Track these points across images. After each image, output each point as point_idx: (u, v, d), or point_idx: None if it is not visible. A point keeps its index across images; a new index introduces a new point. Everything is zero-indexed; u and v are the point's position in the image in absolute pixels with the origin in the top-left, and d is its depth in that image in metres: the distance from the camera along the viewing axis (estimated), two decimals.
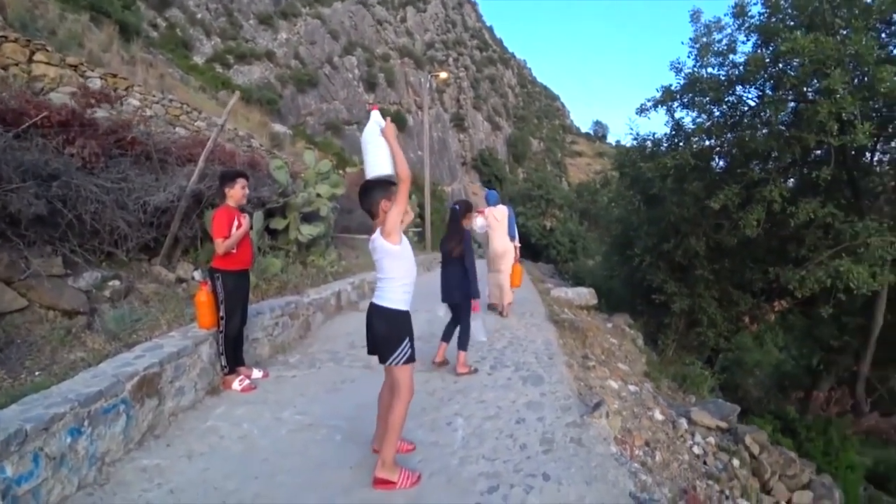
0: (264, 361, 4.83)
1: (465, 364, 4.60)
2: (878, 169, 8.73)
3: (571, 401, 3.91)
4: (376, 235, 2.72)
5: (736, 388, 12.30)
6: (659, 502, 2.94)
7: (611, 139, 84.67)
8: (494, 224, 7.11)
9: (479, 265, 5.28)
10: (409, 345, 2.71)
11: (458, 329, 4.69)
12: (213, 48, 34.61)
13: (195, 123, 10.32)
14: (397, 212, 2.59)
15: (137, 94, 9.60)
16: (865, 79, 6.73)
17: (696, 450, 4.53)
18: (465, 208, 4.79)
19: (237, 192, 4.03)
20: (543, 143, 78.13)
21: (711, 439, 4.92)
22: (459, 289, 4.57)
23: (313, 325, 6.01)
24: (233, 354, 4.13)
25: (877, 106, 7.50)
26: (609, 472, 2.91)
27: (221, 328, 3.99)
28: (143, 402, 3.13)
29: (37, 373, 3.32)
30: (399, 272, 2.74)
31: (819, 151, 8.46)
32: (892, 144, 8.49)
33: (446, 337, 4.83)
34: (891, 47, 7.52)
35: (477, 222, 6.67)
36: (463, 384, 4.28)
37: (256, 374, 4.36)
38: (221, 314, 3.97)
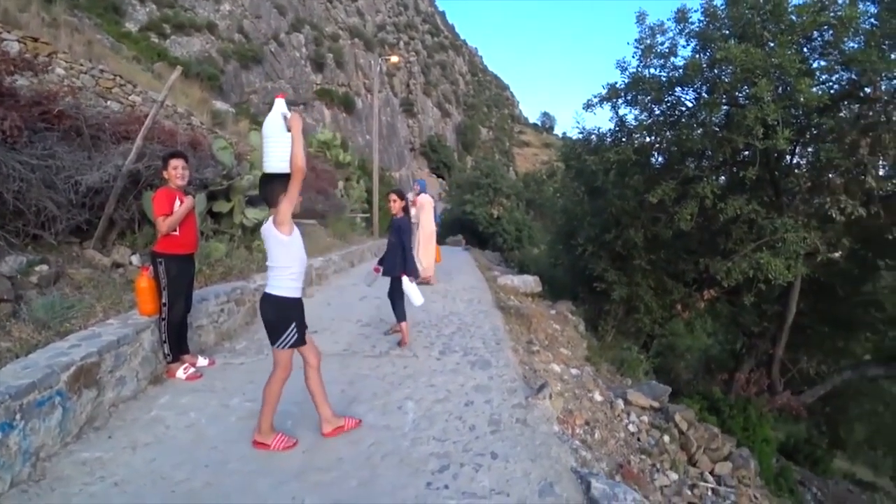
0: (210, 349, 4.70)
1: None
2: (796, 171, 9.55)
3: (517, 384, 4.10)
4: (268, 225, 2.83)
5: (668, 371, 13.19)
6: (598, 476, 3.18)
7: (557, 131, 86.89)
8: (428, 208, 8.43)
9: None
10: (294, 330, 2.89)
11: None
12: (148, 15, 32.28)
13: (129, 97, 9.65)
14: (289, 203, 2.72)
15: (63, 61, 8.83)
16: (787, 88, 7.33)
17: (631, 428, 4.88)
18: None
19: (171, 174, 3.86)
20: (492, 131, 79.02)
21: (645, 418, 5.30)
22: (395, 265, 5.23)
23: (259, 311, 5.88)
24: (177, 342, 4.00)
25: (797, 114, 8.20)
26: (552, 449, 3.10)
27: (164, 315, 3.85)
28: (80, 393, 2.99)
29: None
30: (288, 261, 2.85)
31: (747, 152, 9.10)
32: (809, 150, 9.29)
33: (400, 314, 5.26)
34: (811, 61, 8.20)
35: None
36: (413, 369, 4.37)
37: (202, 361, 4.25)
38: (164, 300, 3.83)
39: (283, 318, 2.87)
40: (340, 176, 16.75)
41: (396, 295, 5.20)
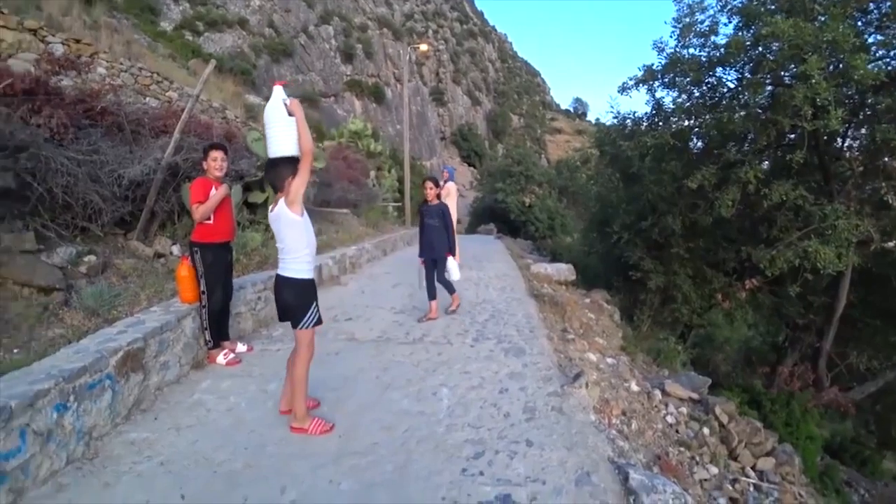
0: (248, 335, 4.82)
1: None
2: (847, 154, 9.00)
3: (552, 372, 4.04)
4: (279, 206, 2.84)
5: (706, 362, 12.80)
6: (636, 466, 3.10)
7: (590, 117, 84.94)
8: (454, 196, 8.46)
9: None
10: (316, 309, 2.95)
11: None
12: (182, 14, 33.12)
13: (166, 94, 9.96)
14: (300, 182, 2.78)
15: (104, 61, 9.18)
16: (840, 66, 6.86)
17: (669, 419, 4.75)
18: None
19: (210, 164, 3.96)
20: (523, 119, 77.84)
21: (684, 409, 5.16)
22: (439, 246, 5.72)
23: None
24: (217, 329, 4.11)
25: (850, 93, 7.68)
26: (588, 438, 3.04)
27: (204, 303, 3.97)
28: (127, 377, 3.11)
29: (14, 350, 3.25)
30: (303, 242, 2.88)
31: (793, 135, 8.65)
32: (862, 131, 8.73)
33: (432, 294, 5.75)
34: (866, 36, 7.66)
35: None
36: (447, 356, 4.37)
37: (241, 348, 4.36)
38: (203, 289, 3.94)
39: (305, 299, 2.91)
40: (372, 165, 16.87)
41: (443, 274, 5.75)
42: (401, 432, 3.00)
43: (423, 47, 26.64)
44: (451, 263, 5.73)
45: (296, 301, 2.90)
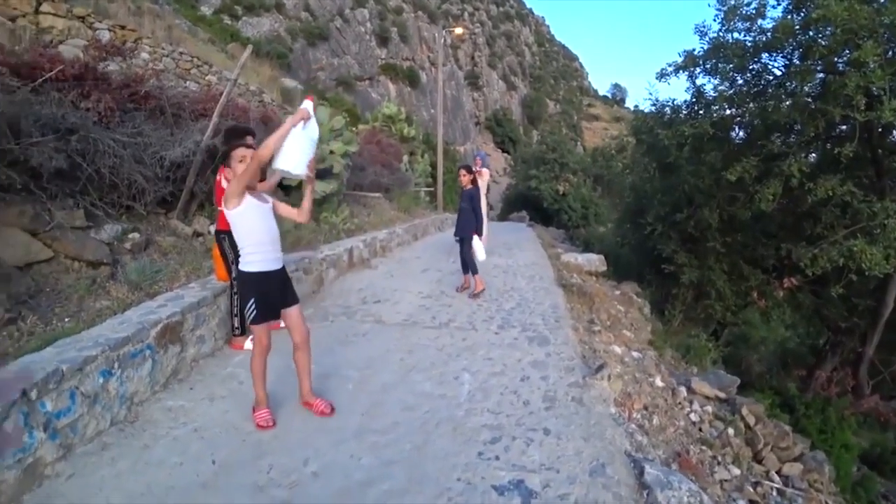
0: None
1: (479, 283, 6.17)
2: None
3: (575, 362, 4.05)
4: None
5: (739, 361, 12.46)
6: (652, 461, 3.10)
7: (629, 103, 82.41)
8: (485, 181, 8.44)
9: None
10: (254, 306, 2.79)
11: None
12: None
13: (206, 77, 10.24)
14: (237, 181, 2.80)
15: (147, 46, 9.51)
16: None
17: (693, 417, 4.68)
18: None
19: (240, 152, 3.96)
20: (559, 104, 76.28)
21: (709, 408, 5.06)
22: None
23: (326, 280, 6.16)
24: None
25: None
26: (607, 430, 3.05)
27: (236, 289, 4.03)
28: (166, 348, 3.30)
29: (66, 319, 3.49)
30: (240, 234, 2.87)
31: (845, 127, 8.20)
32: None
33: (464, 268, 6.24)
34: None
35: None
36: (471, 342, 4.43)
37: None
38: (234, 275, 3.97)
39: (243, 293, 2.94)
40: (405, 150, 16.94)
41: (468, 252, 6.06)
42: (421, 413, 3.09)
43: (458, 30, 26.40)
44: (476, 243, 5.99)
45: (239, 294, 2.95)
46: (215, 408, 3.07)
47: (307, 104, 2.91)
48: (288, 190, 7.33)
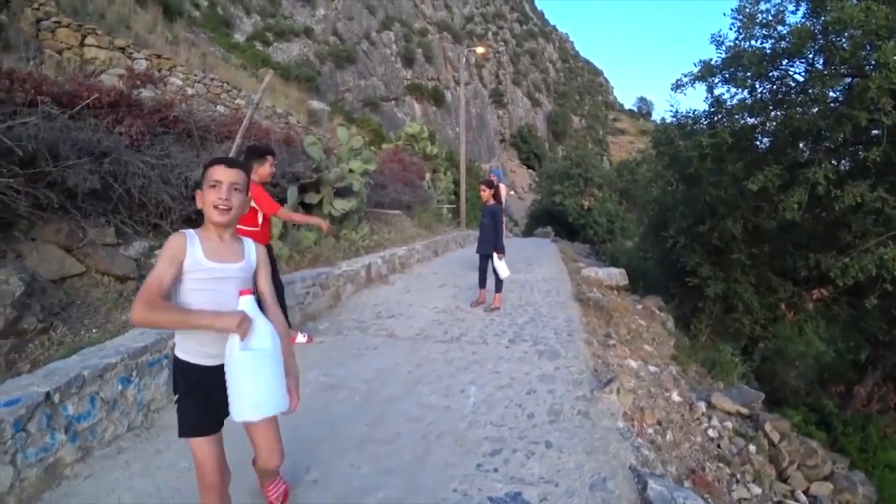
0: (295, 328, 5.13)
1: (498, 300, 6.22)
2: None
3: (584, 376, 4.02)
4: None
5: (773, 377, 11.98)
6: (662, 477, 3.04)
7: (655, 116, 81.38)
8: (503, 198, 8.41)
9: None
10: (178, 408, 1.90)
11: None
12: (253, 26, 35.25)
13: (235, 101, 10.70)
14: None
15: (180, 73, 10.04)
16: None
17: (710, 433, 4.54)
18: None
19: (268, 171, 4.21)
20: (585, 120, 75.94)
21: (729, 424, 4.91)
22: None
23: (343, 295, 6.30)
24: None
25: None
26: (611, 444, 3.02)
27: None
28: None
29: (94, 330, 3.70)
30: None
31: (877, 131, 7.95)
32: None
33: (481, 283, 6.34)
34: None
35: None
36: (480, 355, 4.45)
37: (301, 339, 4.65)
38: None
39: (172, 383, 1.98)
40: (428, 168, 17.18)
41: (487, 269, 6.15)
42: (424, 425, 3.12)
43: (480, 50, 26.80)
44: (497, 262, 6.02)
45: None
46: None
47: (247, 301, 1.73)
48: (308, 208, 7.57)
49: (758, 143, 9.30)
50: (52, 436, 2.40)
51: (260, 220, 4.19)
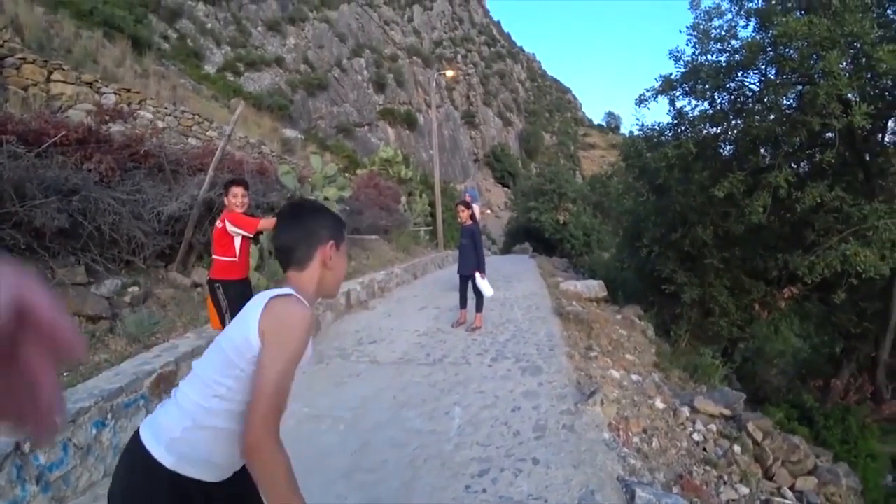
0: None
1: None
2: (890, 149, 8.59)
3: (567, 390, 4.04)
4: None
5: (754, 376, 12.21)
6: (650, 485, 3.06)
7: (624, 130, 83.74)
8: (477, 218, 8.55)
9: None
10: None
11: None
12: (224, 56, 35.30)
13: (207, 133, 10.65)
14: None
15: (150, 107, 9.97)
16: (865, 59, 6.66)
17: (696, 437, 4.60)
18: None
19: (231, 200, 4.02)
20: (556, 136, 77.66)
21: (713, 426, 4.98)
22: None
23: (323, 323, 6.23)
24: None
25: (885, 84, 7.40)
26: (598, 456, 3.03)
27: None
28: (160, 397, 3.36)
29: (65, 374, 3.58)
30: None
31: (830, 134, 8.36)
32: None
33: (462, 303, 6.34)
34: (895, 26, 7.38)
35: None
36: (463, 376, 4.44)
37: None
38: (227, 322, 4.08)
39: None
40: (403, 191, 17.27)
41: (468, 289, 6.20)
42: (410, 450, 3.09)
43: (450, 73, 27.35)
44: (479, 281, 6.02)
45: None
46: None
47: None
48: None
49: (721, 151, 9.67)
50: (22, 487, 2.30)
51: (238, 250, 4.11)
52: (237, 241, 4.07)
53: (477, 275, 6.01)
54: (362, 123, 42.61)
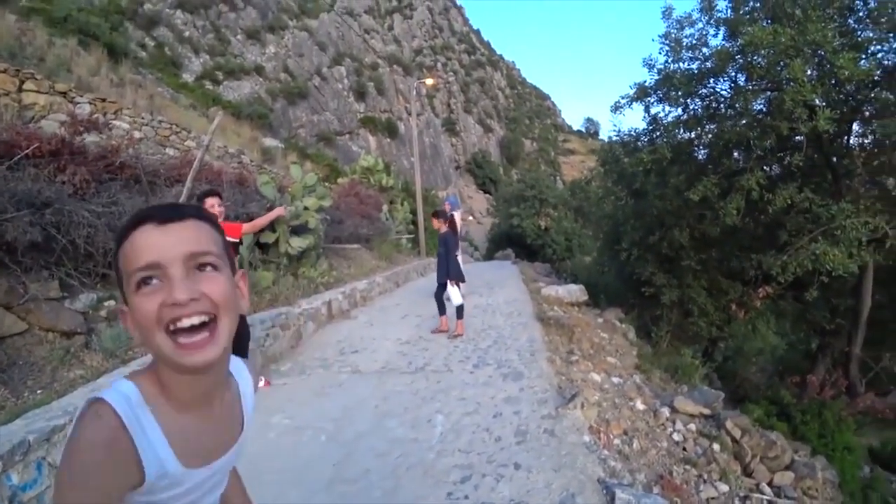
0: (257, 371, 5.00)
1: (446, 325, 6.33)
2: (855, 152, 8.92)
3: (548, 394, 4.08)
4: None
5: (734, 375, 12.46)
6: (630, 486, 3.11)
7: (602, 135, 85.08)
8: (458, 225, 8.55)
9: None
10: None
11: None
12: (203, 65, 34.96)
13: (185, 143, 10.53)
14: None
15: (127, 116, 9.83)
16: (829, 66, 6.93)
17: (675, 437, 4.69)
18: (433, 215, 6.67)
19: (217, 210, 4.17)
20: (536, 143, 78.46)
21: (693, 426, 5.07)
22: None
23: (305, 334, 6.19)
24: None
25: (848, 90, 7.70)
26: (578, 459, 3.07)
27: None
28: None
29: (38, 391, 3.50)
30: None
31: (799, 137, 8.64)
32: (871, 128, 8.64)
33: (441, 310, 6.38)
34: (858, 33, 7.68)
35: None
36: (445, 384, 4.46)
37: (260, 382, 4.54)
38: None
39: None
40: (385, 199, 17.26)
41: (443, 296, 6.24)
42: (392, 459, 3.10)
43: (430, 81, 27.47)
44: (449, 288, 6.14)
45: None
46: None
47: None
48: (265, 247, 7.46)
49: (696, 155, 9.91)
50: None
51: None
52: None
53: (448, 282, 6.12)
54: (343, 132, 42.53)
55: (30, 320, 4.12)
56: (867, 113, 8.32)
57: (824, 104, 6.81)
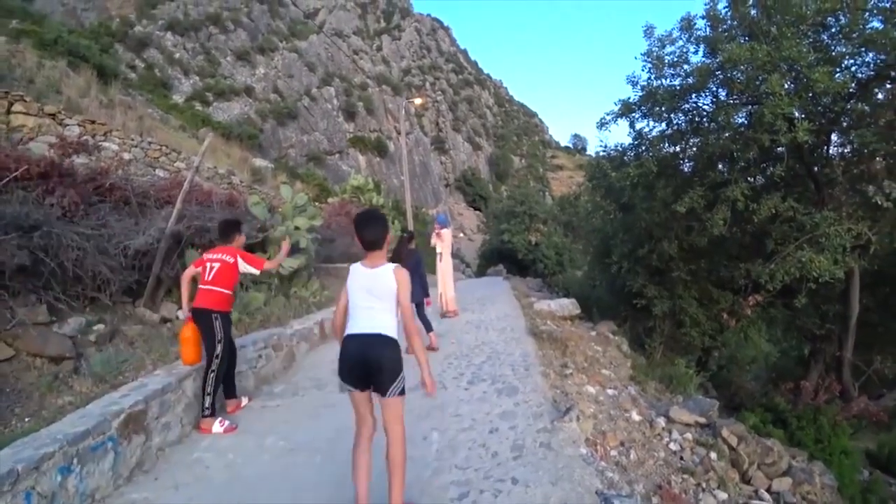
0: (249, 392, 4.94)
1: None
2: (835, 161, 9.15)
3: (544, 408, 4.08)
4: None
5: (729, 384, 12.48)
6: (628, 497, 3.10)
7: (590, 151, 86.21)
8: (449, 242, 8.79)
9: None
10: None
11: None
12: (192, 86, 35.10)
13: (174, 164, 10.51)
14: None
15: (116, 138, 9.80)
16: (805, 80, 7.17)
17: (672, 446, 4.68)
18: (410, 235, 6.90)
19: (239, 240, 4.36)
20: (525, 159, 79.29)
21: (689, 435, 5.07)
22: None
23: (298, 354, 6.13)
24: (224, 388, 4.24)
25: (825, 102, 7.95)
26: (575, 472, 3.06)
27: (214, 368, 3.94)
28: (130, 438, 3.26)
29: (26, 419, 3.44)
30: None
31: (780, 149, 8.85)
32: (850, 137, 8.89)
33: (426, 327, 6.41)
34: (832, 48, 7.96)
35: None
36: (440, 400, 4.43)
37: (245, 401, 4.51)
38: (217, 353, 3.95)
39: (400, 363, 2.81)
40: None
41: (427, 313, 6.42)
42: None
43: (418, 101, 27.88)
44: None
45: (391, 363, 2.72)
46: (181, 495, 3.01)
47: None
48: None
49: (681, 168, 10.09)
50: None
51: (234, 284, 4.22)
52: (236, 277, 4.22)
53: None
54: (333, 151, 42.73)
55: (17, 346, 4.06)
56: (845, 123, 8.57)
57: (803, 116, 7.02)
